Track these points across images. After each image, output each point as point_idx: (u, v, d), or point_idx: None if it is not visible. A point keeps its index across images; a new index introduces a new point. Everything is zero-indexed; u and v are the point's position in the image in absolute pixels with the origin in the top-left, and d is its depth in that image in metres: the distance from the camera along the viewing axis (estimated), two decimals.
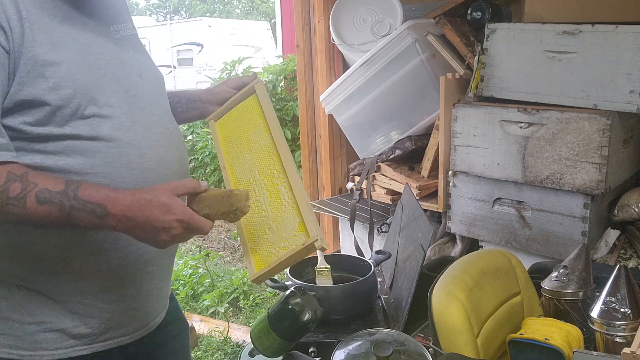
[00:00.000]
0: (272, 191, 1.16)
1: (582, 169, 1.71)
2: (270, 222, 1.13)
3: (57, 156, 1.02)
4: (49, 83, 0.98)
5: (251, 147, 1.26)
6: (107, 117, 1.06)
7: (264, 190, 1.18)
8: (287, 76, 5.30)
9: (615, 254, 1.75)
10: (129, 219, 0.97)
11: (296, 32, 2.78)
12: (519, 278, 1.39)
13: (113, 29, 1.14)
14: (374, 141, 2.45)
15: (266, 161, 1.20)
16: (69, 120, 1.01)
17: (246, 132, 1.29)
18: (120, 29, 1.15)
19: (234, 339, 3.14)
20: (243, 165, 1.25)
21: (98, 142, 1.04)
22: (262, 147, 1.23)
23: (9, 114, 0.99)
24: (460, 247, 2.13)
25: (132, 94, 1.11)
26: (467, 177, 2.00)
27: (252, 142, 1.26)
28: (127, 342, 1.19)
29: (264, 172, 1.19)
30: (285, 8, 7.44)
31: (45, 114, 0.99)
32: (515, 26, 1.86)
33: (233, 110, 1.36)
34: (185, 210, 0.99)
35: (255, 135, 1.27)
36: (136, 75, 1.14)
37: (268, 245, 1.11)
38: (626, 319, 1.16)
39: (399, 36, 2.20)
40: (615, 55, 1.65)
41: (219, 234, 5.28)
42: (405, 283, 1.46)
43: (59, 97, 0.99)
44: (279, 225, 1.11)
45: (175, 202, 0.99)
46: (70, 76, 1.00)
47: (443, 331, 1.20)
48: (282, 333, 1.18)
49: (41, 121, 1.00)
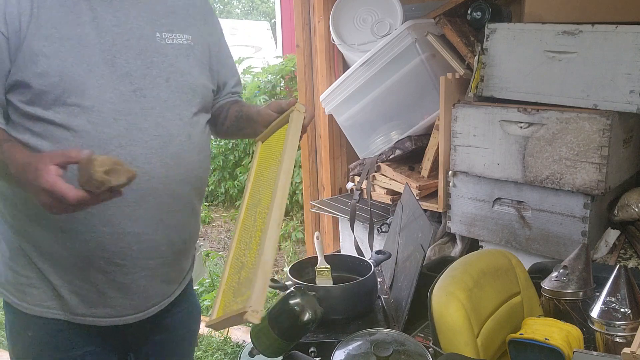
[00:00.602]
0: (255, 240, 1.10)
1: (582, 169, 1.71)
2: (241, 273, 1.09)
3: (38, 138, 1.12)
4: (38, 70, 1.08)
5: (265, 183, 1.22)
6: (87, 109, 1.12)
7: (252, 235, 1.13)
8: (287, 76, 5.30)
9: (615, 254, 1.75)
10: (20, 181, 1.02)
11: (296, 32, 2.78)
12: (519, 278, 1.39)
13: (159, 35, 1.23)
14: (374, 141, 2.45)
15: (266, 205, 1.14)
16: (52, 105, 1.10)
17: (269, 164, 1.26)
18: (167, 38, 1.24)
19: (234, 339, 3.14)
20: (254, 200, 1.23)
21: (67, 131, 1.12)
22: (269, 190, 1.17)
23: (10, 90, 1.11)
24: (460, 247, 2.13)
25: (142, 94, 1.18)
26: (467, 177, 2.00)
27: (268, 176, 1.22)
28: (100, 325, 1.27)
29: (261, 215, 1.13)
30: (285, 8, 7.44)
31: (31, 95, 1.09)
32: (515, 26, 1.86)
33: (273, 136, 1.34)
34: (48, 178, 0.97)
35: (271, 172, 1.22)
36: (162, 78, 1.21)
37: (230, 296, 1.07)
38: (626, 319, 1.16)
39: (399, 36, 2.20)
40: (615, 55, 1.65)
41: (219, 234, 5.28)
42: (405, 283, 1.46)
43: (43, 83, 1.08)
44: (244, 279, 1.05)
45: (44, 169, 0.97)
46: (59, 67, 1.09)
47: (443, 331, 1.20)
48: (282, 333, 1.18)
49: (29, 101, 1.10)
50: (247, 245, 1.12)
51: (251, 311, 0.93)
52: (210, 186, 5.97)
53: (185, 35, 1.28)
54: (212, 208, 5.93)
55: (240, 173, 5.58)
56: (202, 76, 1.32)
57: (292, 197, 5.25)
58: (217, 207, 5.98)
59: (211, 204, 6.02)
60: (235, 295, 1.05)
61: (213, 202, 6.05)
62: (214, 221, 5.62)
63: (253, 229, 1.13)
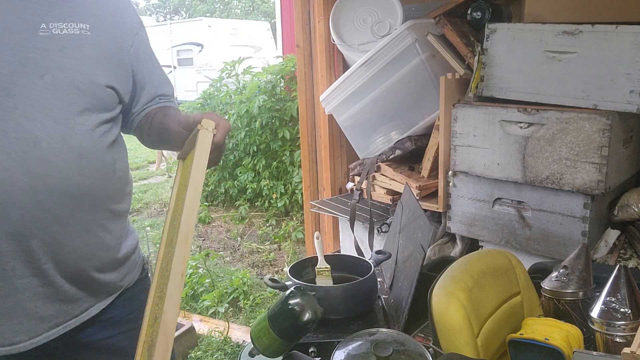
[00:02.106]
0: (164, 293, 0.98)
1: (582, 169, 1.71)
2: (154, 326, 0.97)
3: None
4: None
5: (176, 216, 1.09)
6: None
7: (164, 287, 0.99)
8: (287, 76, 5.31)
9: (615, 254, 1.75)
10: None
11: (296, 32, 2.78)
12: (519, 278, 1.39)
13: (43, 27, 1.10)
14: (374, 141, 2.45)
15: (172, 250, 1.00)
16: None
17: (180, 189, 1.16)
18: (54, 28, 1.11)
19: (234, 339, 3.14)
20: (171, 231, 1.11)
21: None
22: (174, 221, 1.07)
23: None
24: (460, 247, 2.13)
25: (7, 93, 1.07)
26: (467, 177, 2.00)
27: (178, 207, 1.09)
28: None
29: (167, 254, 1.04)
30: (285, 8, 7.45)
31: None
32: (515, 26, 1.86)
33: (189, 156, 1.21)
34: None
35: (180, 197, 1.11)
36: (36, 76, 1.09)
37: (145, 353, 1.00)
38: (626, 319, 1.16)
39: (399, 36, 2.20)
40: (615, 55, 1.65)
41: (219, 234, 5.29)
42: (405, 283, 1.46)
43: None
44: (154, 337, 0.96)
45: None
46: None
47: (443, 331, 1.20)
48: (282, 333, 1.18)
49: None
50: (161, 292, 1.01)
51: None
52: (210, 186, 5.97)
53: (81, 25, 1.15)
54: (212, 208, 5.94)
55: (240, 173, 5.58)
56: (97, 71, 1.17)
57: (292, 197, 5.25)
58: (217, 207, 5.99)
59: (211, 204, 6.02)
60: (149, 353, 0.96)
61: (213, 202, 6.05)
62: (214, 221, 5.63)
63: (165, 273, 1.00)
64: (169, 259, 1.01)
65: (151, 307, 1.06)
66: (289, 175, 5.24)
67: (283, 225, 5.06)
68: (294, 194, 5.21)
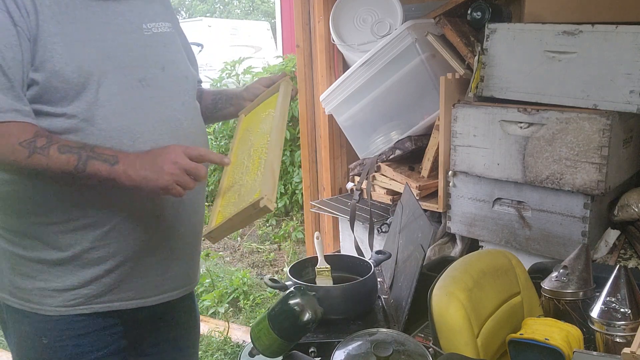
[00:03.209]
0: (254, 164, 1.23)
1: (582, 169, 1.71)
2: (241, 190, 1.20)
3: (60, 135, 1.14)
4: (55, 68, 1.12)
5: (257, 132, 1.35)
6: (106, 103, 1.17)
7: (249, 165, 1.26)
8: None
9: (615, 254, 1.75)
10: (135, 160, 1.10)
11: (296, 32, 2.78)
12: (519, 278, 1.39)
13: (145, 27, 1.26)
14: (374, 141, 2.45)
15: (261, 141, 1.28)
16: (72, 101, 1.14)
17: (260, 122, 1.39)
18: (153, 28, 1.27)
19: (234, 339, 3.14)
20: (245, 148, 1.35)
21: (92, 124, 1.16)
22: (264, 131, 1.31)
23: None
24: (460, 247, 2.12)
25: (146, 84, 1.23)
26: (467, 177, 2.00)
27: (260, 129, 1.35)
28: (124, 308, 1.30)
29: (256, 150, 1.28)
30: (285, 8, 7.45)
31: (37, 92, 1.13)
32: (515, 26, 1.86)
33: (260, 106, 1.46)
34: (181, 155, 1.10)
35: (264, 123, 1.36)
36: (158, 68, 1.26)
37: (231, 208, 1.17)
38: (626, 319, 1.16)
39: (399, 36, 2.20)
40: (615, 55, 1.65)
41: None
42: (405, 283, 1.46)
43: (63, 81, 1.12)
44: (246, 191, 1.17)
45: (176, 148, 1.11)
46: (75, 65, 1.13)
47: (443, 331, 1.20)
48: (282, 333, 1.18)
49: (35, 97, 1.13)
50: (241, 174, 1.22)
51: (265, 198, 1.00)
52: (210, 186, 5.96)
53: (166, 23, 1.32)
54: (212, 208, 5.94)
55: None
56: (187, 62, 1.37)
57: (292, 197, 5.25)
58: None
59: (211, 204, 6.02)
60: (235, 205, 1.14)
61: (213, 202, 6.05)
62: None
63: (247, 163, 1.24)
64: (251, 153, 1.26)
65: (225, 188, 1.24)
66: (289, 175, 5.24)
67: (283, 225, 5.06)
68: (294, 194, 5.21)
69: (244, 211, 1.07)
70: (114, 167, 1.09)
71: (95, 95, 1.16)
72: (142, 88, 1.22)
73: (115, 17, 1.21)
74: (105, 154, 1.10)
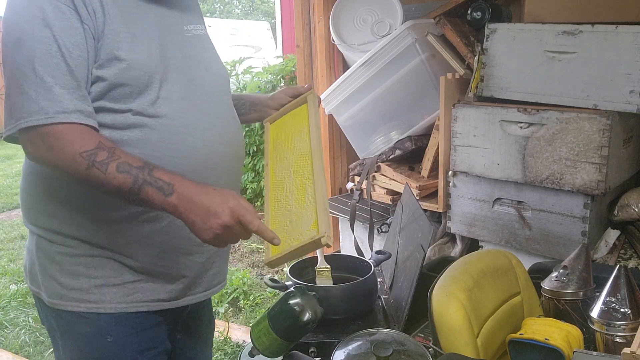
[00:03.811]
0: (300, 189, 1.26)
1: (582, 169, 1.71)
2: (292, 216, 1.23)
3: (123, 130, 1.16)
4: (123, 65, 1.13)
5: (293, 149, 1.38)
6: (168, 100, 1.19)
7: (293, 188, 1.28)
8: (287, 76, 5.30)
9: (615, 254, 1.75)
10: (189, 200, 1.07)
11: (296, 32, 2.78)
12: (519, 278, 1.39)
13: (186, 29, 1.29)
14: (374, 141, 2.45)
15: (301, 163, 1.32)
16: (136, 97, 1.16)
17: (292, 136, 1.42)
18: (193, 30, 1.30)
19: (234, 339, 3.14)
20: (283, 164, 1.37)
21: (157, 120, 1.18)
22: (302, 151, 1.35)
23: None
24: (460, 247, 2.13)
25: (195, 83, 1.25)
26: (467, 177, 2.00)
27: (294, 145, 1.39)
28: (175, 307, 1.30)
29: (297, 172, 1.31)
30: (285, 8, 7.45)
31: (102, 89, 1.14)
32: (515, 26, 1.86)
33: (286, 116, 1.51)
34: (241, 205, 1.08)
35: (298, 139, 1.39)
36: (203, 68, 1.28)
37: (285, 236, 1.18)
38: (626, 319, 1.16)
39: (399, 36, 2.20)
40: (615, 55, 1.65)
41: None
42: (405, 283, 1.46)
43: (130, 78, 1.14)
44: (298, 219, 1.20)
45: (235, 197, 1.09)
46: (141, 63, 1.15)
47: (443, 331, 1.20)
48: (282, 333, 1.18)
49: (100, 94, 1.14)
50: (287, 199, 1.27)
51: (327, 236, 1.09)
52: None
53: (202, 26, 1.36)
54: None
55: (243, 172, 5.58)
56: (222, 63, 1.41)
57: None
58: None
59: None
60: (290, 234, 1.18)
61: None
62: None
63: (289, 186, 1.29)
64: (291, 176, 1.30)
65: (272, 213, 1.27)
66: None
67: None
68: None
69: (305, 246, 1.12)
70: (166, 199, 1.07)
71: (158, 92, 1.17)
72: (192, 87, 1.25)
73: (163, 18, 1.23)
74: (162, 180, 1.08)
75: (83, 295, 1.22)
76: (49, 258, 1.23)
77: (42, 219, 1.24)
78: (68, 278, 1.22)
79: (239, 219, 1.07)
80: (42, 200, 1.23)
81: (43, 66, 1.06)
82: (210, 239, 1.08)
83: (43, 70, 1.06)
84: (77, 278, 1.22)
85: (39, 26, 1.06)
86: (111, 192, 1.09)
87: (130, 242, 1.22)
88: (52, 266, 1.23)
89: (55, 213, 1.21)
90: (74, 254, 1.22)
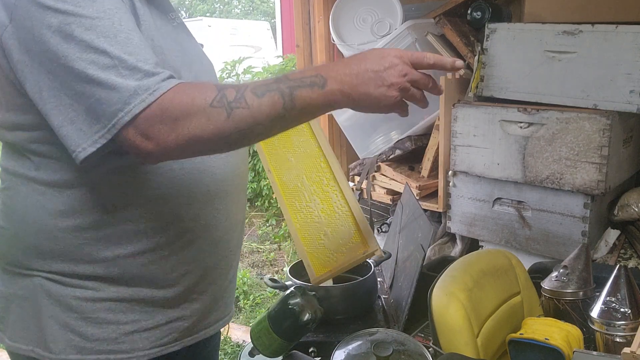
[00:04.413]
0: (324, 198, 1.19)
1: (582, 169, 1.71)
2: (324, 229, 1.17)
3: None
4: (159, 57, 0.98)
5: (295, 150, 1.27)
6: None
7: (314, 197, 1.20)
8: None
9: (615, 254, 1.75)
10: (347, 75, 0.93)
11: (296, 32, 2.78)
12: (519, 278, 1.39)
13: (171, 16, 1.13)
14: (374, 141, 2.45)
15: (314, 168, 1.22)
16: None
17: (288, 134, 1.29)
18: (175, 18, 1.15)
19: (234, 339, 3.14)
20: (289, 170, 1.26)
21: None
22: (309, 153, 1.24)
23: None
24: (460, 247, 2.13)
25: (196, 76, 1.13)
26: (467, 177, 2.00)
27: (295, 145, 1.27)
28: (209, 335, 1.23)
29: (312, 178, 1.21)
30: (285, 8, 7.45)
31: None
32: (515, 26, 1.86)
33: None
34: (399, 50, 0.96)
35: (298, 138, 1.27)
36: (198, 62, 1.16)
37: (325, 251, 1.15)
38: (626, 319, 1.16)
39: (399, 36, 2.20)
40: (615, 55, 1.65)
41: None
42: (405, 283, 1.46)
43: None
44: (334, 232, 1.16)
45: (383, 49, 0.96)
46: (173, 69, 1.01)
47: (443, 331, 1.20)
48: (282, 333, 1.18)
49: None
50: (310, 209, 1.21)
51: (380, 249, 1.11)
52: None
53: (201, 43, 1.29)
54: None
55: None
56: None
57: None
58: None
59: None
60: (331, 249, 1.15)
61: None
62: None
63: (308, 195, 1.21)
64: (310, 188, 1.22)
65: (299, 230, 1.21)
66: None
67: (283, 225, 5.06)
68: None
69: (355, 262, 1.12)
70: (325, 90, 0.91)
71: None
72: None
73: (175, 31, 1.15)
74: (305, 76, 0.92)
75: (111, 346, 1.06)
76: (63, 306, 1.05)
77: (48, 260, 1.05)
78: (89, 326, 1.05)
79: (410, 60, 0.95)
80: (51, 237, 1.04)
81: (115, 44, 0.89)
82: (396, 96, 0.96)
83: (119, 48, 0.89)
84: (100, 326, 1.06)
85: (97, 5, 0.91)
86: (266, 123, 0.92)
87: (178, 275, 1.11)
88: (67, 316, 1.05)
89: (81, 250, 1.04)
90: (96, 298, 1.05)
